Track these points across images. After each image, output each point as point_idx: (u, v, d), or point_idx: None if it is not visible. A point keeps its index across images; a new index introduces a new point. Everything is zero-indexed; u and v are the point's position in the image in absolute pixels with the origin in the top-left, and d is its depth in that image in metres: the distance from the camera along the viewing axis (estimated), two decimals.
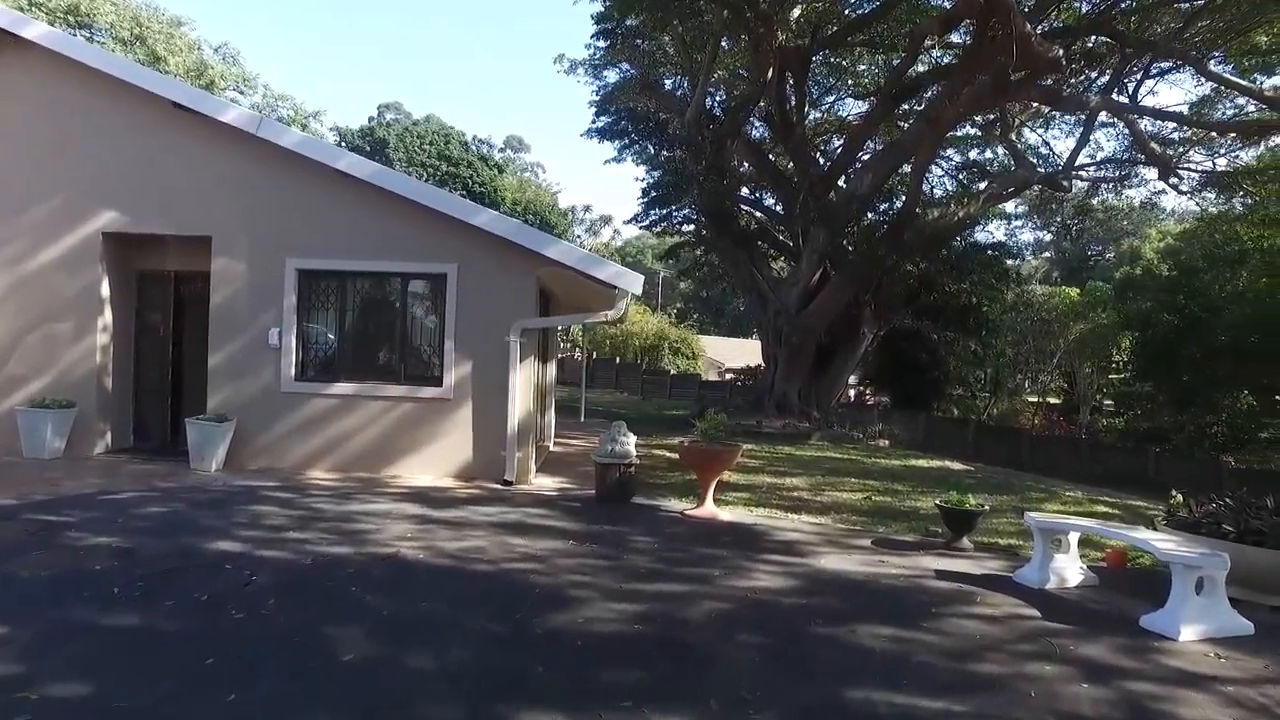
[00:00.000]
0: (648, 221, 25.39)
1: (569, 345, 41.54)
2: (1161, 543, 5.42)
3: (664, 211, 24.82)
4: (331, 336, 10.19)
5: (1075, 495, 13.24)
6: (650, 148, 24.34)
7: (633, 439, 8.82)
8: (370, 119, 51.66)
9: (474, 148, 51.32)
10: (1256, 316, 23.70)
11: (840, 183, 21.32)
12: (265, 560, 5.65)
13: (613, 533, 7.19)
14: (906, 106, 21.52)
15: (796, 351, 19.70)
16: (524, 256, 9.58)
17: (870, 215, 23.20)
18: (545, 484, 9.78)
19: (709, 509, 8.20)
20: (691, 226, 25.26)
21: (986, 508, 7.45)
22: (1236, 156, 21.02)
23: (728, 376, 37.31)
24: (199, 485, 8.42)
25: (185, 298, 10.70)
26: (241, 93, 36.23)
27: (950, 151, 25.02)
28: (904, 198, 20.51)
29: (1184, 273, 27.14)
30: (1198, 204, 24.65)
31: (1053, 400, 35.04)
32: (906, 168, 20.56)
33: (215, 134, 9.72)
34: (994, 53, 14.41)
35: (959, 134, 24.12)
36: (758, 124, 24.13)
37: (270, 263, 9.80)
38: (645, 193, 24.52)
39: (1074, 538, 6.31)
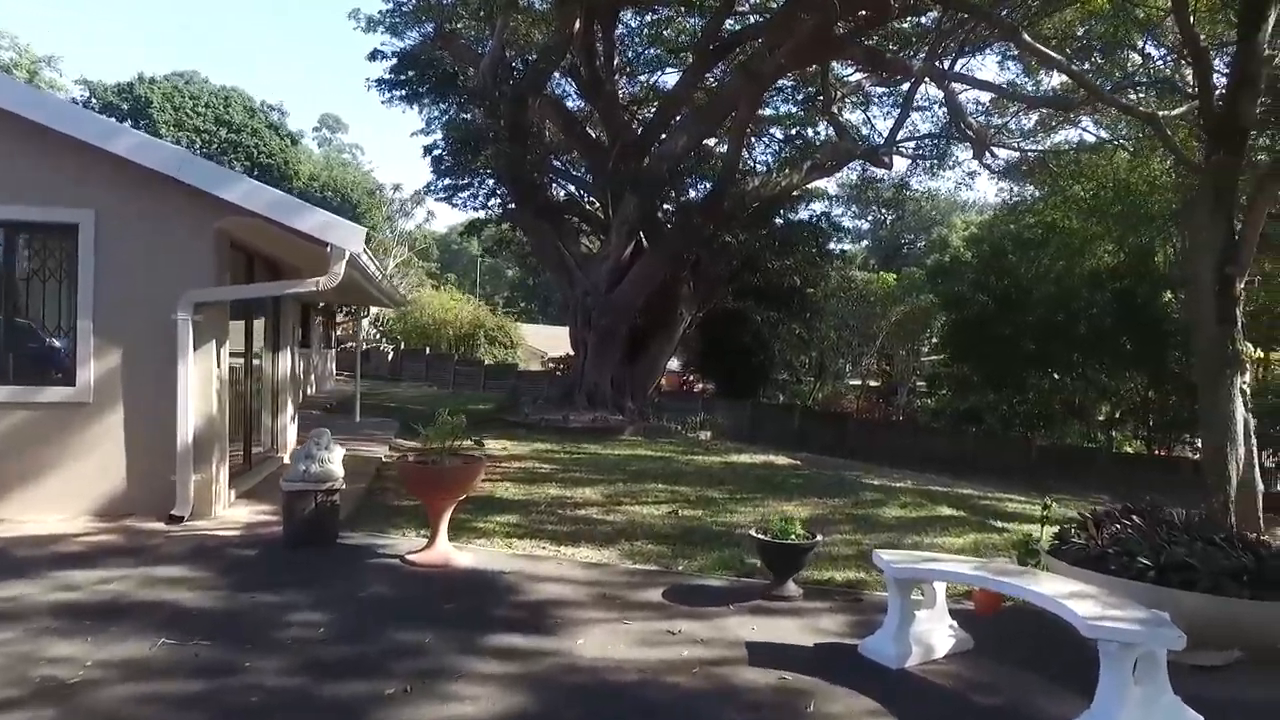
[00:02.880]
0: (441, 192, 22.22)
1: (379, 335, 37.91)
2: (1078, 602, 3.51)
3: (458, 181, 21.74)
4: None
5: (908, 488, 11.83)
6: (443, 107, 21.22)
7: (339, 452, 6.19)
8: (142, 77, 44.07)
9: (262, 114, 44.95)
10: (1059, 295, 24.40)
11: (654, 150, 19.33)
12: None
13: (266, 607, 4.57)
14: (723, 72, 19.92)
15: (607, 335, 17.48)
16: (196, 201, 6.71)
17: (690, 191, 21.53)
18: (238, 516, 6.96)
19: (441, 551, 5.72)
20: (497, 200, 22.46)
21: (818, 538, 5.45)
22: (1039, 143, 21.40)
23: (550, 366, 34.95)
24: None
25: None
26: None
27: (774, 130, 23.88)
28: (723, 165, 18.77)
29: (993, 254, 27.54)
30: (1005, 187, 25.09)
31: (873, 383, 35.30)
32: (724, 148, 18.97)
33: None
34: None
35: (781, 111, 23.04)
36: (572, 94, 21.85)
37: None
38: (428, 150, 21.29)
39: (941, 586, 4.39)
